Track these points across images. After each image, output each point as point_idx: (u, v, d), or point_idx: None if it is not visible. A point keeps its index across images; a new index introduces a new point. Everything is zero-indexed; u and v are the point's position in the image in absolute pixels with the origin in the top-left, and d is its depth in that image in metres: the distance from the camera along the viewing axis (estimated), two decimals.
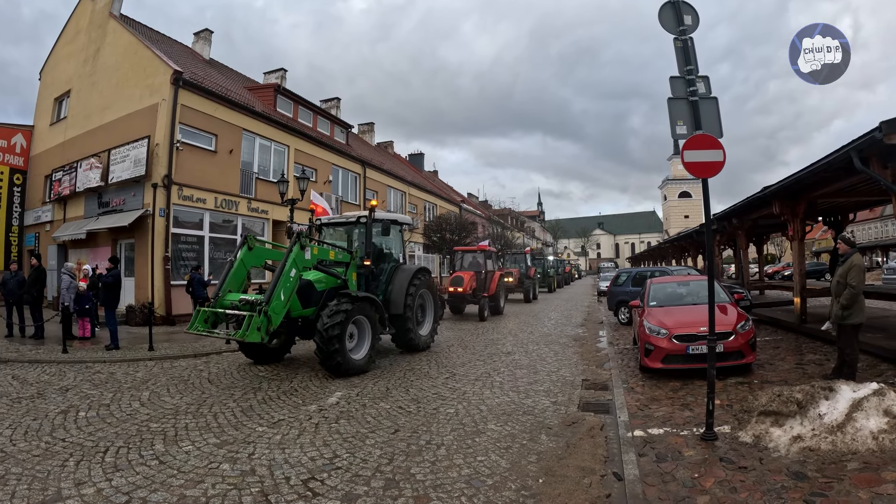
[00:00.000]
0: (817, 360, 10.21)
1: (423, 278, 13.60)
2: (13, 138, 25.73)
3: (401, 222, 14.68)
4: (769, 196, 13.77)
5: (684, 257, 36.82)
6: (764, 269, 30.73)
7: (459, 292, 22.16)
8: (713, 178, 6.41)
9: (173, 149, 19.09)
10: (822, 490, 4.69)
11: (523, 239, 59.83)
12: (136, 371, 10.85)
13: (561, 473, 5.46)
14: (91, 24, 24.01)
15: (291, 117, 27.91)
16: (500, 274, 25.08)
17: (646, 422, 7.06)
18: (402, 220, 14.84)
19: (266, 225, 24.19)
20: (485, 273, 23.65)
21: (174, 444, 6.37)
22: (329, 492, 5.04)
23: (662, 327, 9.58)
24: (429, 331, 13.92)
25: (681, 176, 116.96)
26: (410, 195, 40.95)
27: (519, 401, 8.41)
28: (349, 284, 11.81)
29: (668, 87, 6.73)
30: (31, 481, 5.21)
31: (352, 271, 12.12)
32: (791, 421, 5.95)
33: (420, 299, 13.60)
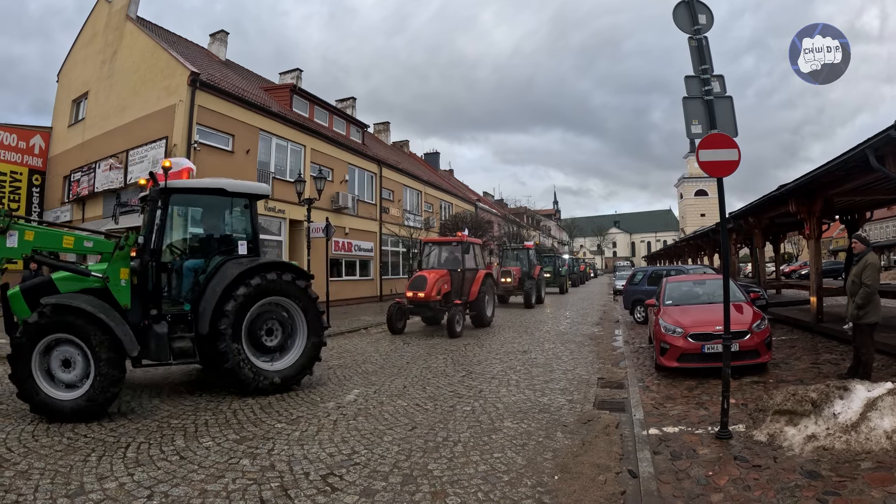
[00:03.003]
0: (833, 360, 10.16)
1: (262, 282, 8.80)
2: (32, 140, 26.05)
3: (244, 193, 9.60)
4: (785, 194, 13.69)
5: (700, 256, 36.63)
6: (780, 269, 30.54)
7: (421, 298, 16.64)
8: (730, 175, 6.44)
9: (191, 149, 19.26)
10: (836, 489, 4.70)
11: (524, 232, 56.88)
12: (156, 368, 10.93)
13: (576, 470, 5.50)
14: (108, 26, 24.31)
15: (307, 117, 28.07)
16: (485, 273, 19.24)
17: (661, 420, 7.09)
18: (242, 188, 9.63)
19: (283, 224, 24.41)
20: (462, 272, 18.07)
21: (194, 440, 6.47)
22: (348, 487, 5.11)
23: (678, 326, 9.58)
24: (294, 364, 9.17)
25: (697, 174, 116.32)
26: (426, 194, 41.07)
27: (535, 399, 8.45)
28: (113, 287, 8.03)
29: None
30: (54, 476, 5.31)
31: (118, 266, 8.15)
32: (805, 420, 5.95)
33: (271, 314, 9.15)
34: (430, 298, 16.55)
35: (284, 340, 9.25)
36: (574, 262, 59.88)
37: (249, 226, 9.65)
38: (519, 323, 20.08)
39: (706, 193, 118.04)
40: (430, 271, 17.69)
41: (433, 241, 21.01)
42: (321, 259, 20.68)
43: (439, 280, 17.02)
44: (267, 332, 9.06)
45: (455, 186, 53.40)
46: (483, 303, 18.73)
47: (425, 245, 20.17)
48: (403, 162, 40.80)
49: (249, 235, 9.57)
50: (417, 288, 16.88)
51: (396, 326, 17.03)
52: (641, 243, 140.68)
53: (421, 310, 17.14)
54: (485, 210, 53.68)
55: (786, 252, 62.94)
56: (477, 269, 19.22)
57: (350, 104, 37.60)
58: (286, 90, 27.69)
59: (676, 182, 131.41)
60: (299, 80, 31.65)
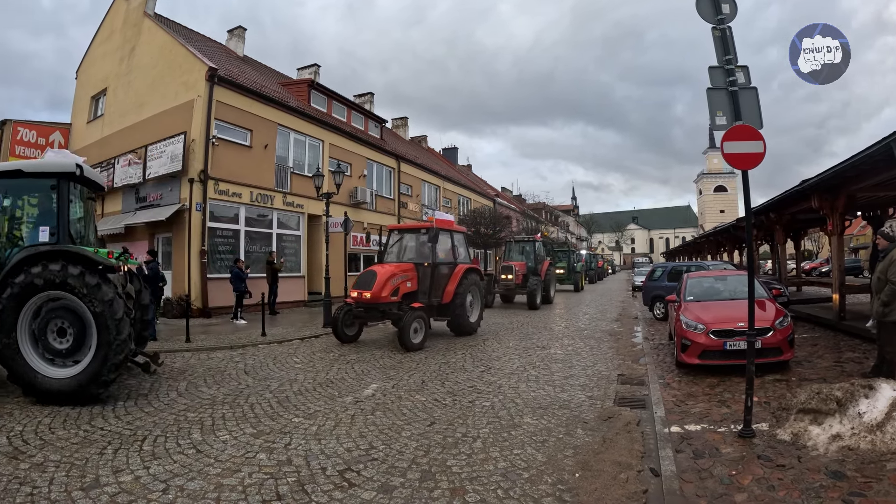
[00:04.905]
0: (856, 358, 9.99)
1: (43, 271, 7.60)
2: (51, 136, 26.23)
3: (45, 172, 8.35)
4: (808, 190, 13.50)
5: (720, 252, 36.32)
6: (801, 265, 30.20)
7: (367, 300, 12.97)
8: (753, 170, 6.34)
9: (209, 144, 19.40)
10: (861, 490, 4.60)
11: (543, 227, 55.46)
12: (173, 362, 11.02)
13: (597, 468, 5.43)
14: (126, 23, 24.45)
15: (325, 112, 28.08)
16: (466, 268, 15.38)
17: (682, 418, 7.00)
18: (42, 166, 8.49)
19: (302, 219, 24.54)
20: (431, 266, 14.41)
21: (211, 434, 6.47)
22: (365, 482, 5.07)
23: (700, 322, 9.46)
24: (79, 375, 7.70)
25: (716, 170, 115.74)
26: (445, 189, 41.09)
27: (554, 395, 8.39)
28: None
29: None
30: (70, 468, 5.32)
31: None
32: (830, 419, 5.84)
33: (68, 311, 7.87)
34: (379, 300, 12.88)
35: (79, 345, 7.88)
36: (591, 257, 57.74)
37: (55, 209, 8.27)
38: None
39: (725, 189, 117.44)
40: (385, 265, 14.20)
41: (399, 227, 16.97)
42: (339, 254, 20.72)
43: (395, 276, 13.44)
44: (59, 331, 7.88)
45: (473, 181, 53.36)
46: (462, 306, 14.93)
47: (391, 233, 16.21)
48: (422, 157, 40.84)
49: (53, 220, 8.21)
50: (363, 286, 13.21)
51: (345, 334, 13.59)
52: (660, 239, 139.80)
53: (371, 314, 13.34)
54: (503, 205, 53.58)
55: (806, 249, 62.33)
56: (455, 262, 15.51)
57: (368, 99, 37.71)
58: (304, 85, 27.74)
59: (695, 178, 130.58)
60: (317, 75, 31.70)
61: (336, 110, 29.40)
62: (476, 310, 15.91)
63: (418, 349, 12.56)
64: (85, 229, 9.31)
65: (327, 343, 13.56)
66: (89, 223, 9.57)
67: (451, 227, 16.05)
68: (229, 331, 15.43)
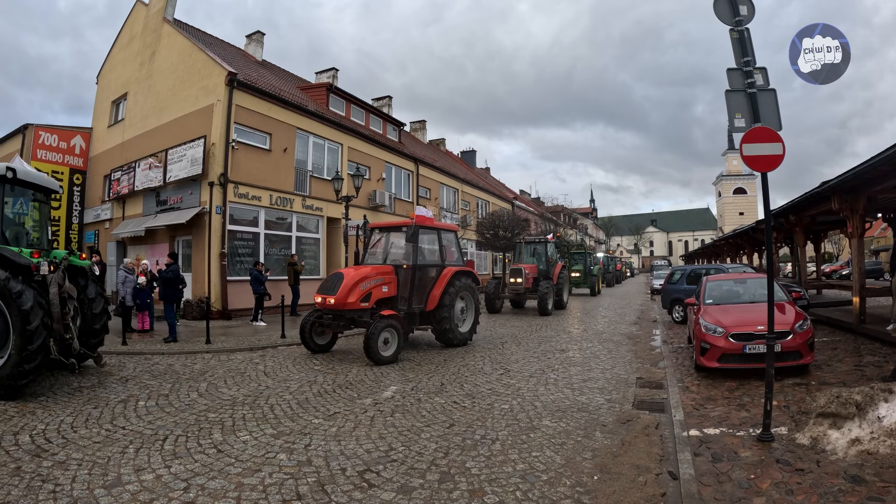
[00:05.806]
0: (876, 362, 9.89)
1: None
2: (72, 140, 26.60)
3: None
4: (828, 191, 13.39)
5: (740, 255, 36.02)
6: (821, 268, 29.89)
7: (331, 305, 11.79)
8: (773, 171, 6.32)
9: (229, 148, 19.54)
10: (880, 495, 4.59)
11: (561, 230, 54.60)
12: (193, 363, 11.14)
13: (616, 471, 5.44)
14: (146, 29, 24.79)
15: (344, 116, 28.25)
16: (455, 271, 13.66)
17: (701, 421, 6.97)
18: None
19: (321, 222, 24.64)
20: (412, 269, 13.00)
21: (232, 434, 6.54)
22: (385, 483, 5.11)
23: (719, 325, 9.42)
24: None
25: (735, 172, 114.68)
26: (463, 192, 41.10)
27: (573, 397, 8.39)
28: None
29: None
30: (92, 467, 5.41)
31: None
32: (849, 423, 5.81)
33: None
34: (345, 305, 11.68)
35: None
36: (609, 260, 56.57)
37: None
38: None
39: (745, 191, 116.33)
40: (356, 268, 12.92)
41: (381, 225, 15.05)
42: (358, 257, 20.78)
43: (367, 280, 12.13)
44: None
45: (492, 184, 53.34)
46: (448, 314, 13.35)
47: (372, 232, 14.42)
48: (440, 160, 40.88)
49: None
50: (327, 290, 11.99)
51: (314, 343, 12.53)
52: (679, 242, 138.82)
53: (340, 322, 12.19)
54: (522, 208, 53.52)
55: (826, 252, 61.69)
56: (443, 264, 13.81)
57: (386, 102, 37.87)
58: (323, 89, 27.90)
59: (714, 180, 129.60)
60: (335, 79, 31.88)
61: (354, 114, 29.56)
62: (469, 318, 14.33)
63: (389, 362, 11.22)
64: (41, 230, 9.92)
65: (346, 345, 13.61)
66: (44, 225, 10.13)
67: (439, 226, 14.49)
68: (249, 333, 15.56)
